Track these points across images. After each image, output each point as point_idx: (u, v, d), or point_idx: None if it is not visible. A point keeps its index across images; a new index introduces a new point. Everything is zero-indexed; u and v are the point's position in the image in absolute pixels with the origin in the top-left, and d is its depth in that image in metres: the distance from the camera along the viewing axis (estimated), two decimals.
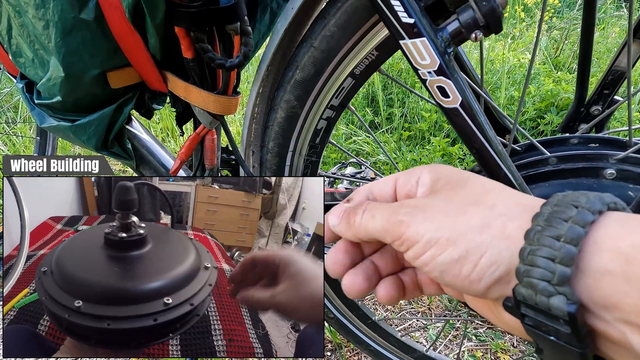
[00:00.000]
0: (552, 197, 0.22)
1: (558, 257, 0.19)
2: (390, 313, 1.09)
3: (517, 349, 0.98)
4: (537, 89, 1.75)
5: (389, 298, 0.28)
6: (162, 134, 1.91)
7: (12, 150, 1.72)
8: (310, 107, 0.51)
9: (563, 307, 0.18)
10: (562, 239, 0.19)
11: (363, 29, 0.44)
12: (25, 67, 0.52)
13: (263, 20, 0.55)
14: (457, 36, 0.36)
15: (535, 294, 0.19)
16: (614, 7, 3.36)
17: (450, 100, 0.38)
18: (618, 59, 0.49)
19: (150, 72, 0.50)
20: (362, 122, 0.52)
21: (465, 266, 0.22)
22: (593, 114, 0.54)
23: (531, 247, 0.20)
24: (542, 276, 0.19)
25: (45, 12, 0.43)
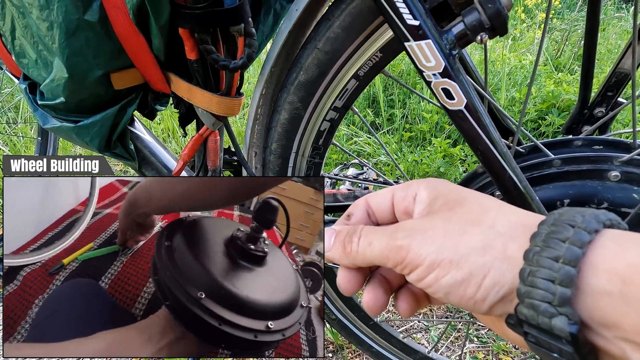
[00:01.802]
0: (549, 215, 0.22)
1: (558, 278, 0.19)
2: (391, 314, 1.09)
3: (519, 351, 0.98)
4: (538, 90, 1.75)
5: (412, 311, 0.29)
6: (163, 135, 1.91)
7: (13, 151, 1.72)
8: (314, 108, 0.51)
9: (565, 328, 0.18)
10: (561, 260, 0.19)
11: (367, 31, 0.44)
12: (28, 68, 0.52)
13: (267, 21, 0.55)
14: (462, 38, 0.36)
15: (537, 315, 0.19)
16: (614, 8, 3.37)
17: (455, 103, 0.38)
18: (622, 60, 0.49)
19: (153, 73, 0.50)
20: (365, 124, 0.52)
21: (469, 288, 0.22)
22: (597, 116, 0.54)
23: (531, 267, 0.20)
24: (543, 298, 0.19)
25: (50, 13, 0.43)
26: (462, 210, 0.25)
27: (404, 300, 0.29)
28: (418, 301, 0.29)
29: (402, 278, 0.29)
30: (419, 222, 0.26)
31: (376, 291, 0.28)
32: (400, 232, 0.25)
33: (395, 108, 1.86)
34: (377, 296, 0.28)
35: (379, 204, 0.29)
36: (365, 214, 0.30)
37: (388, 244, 0.25)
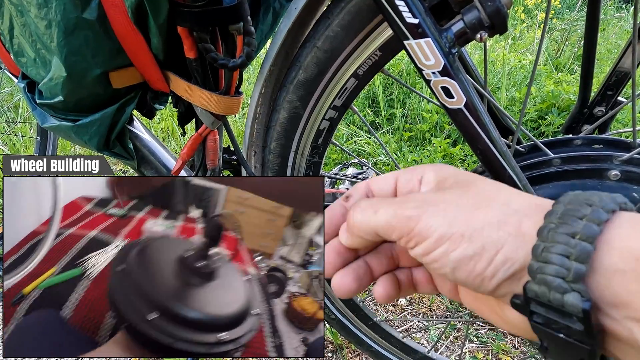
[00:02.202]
0: (563, 196, 0.21)
1: (573, 254, 0.19)
2: (391, 314, 1.08)
3: (518, 350, 0.98)
4: (538, 90, 1.75)
5: (387, 296, 0.28)
6: (162, 134, 1.91)
7: (13, 150, 1.72)
8: (313, 107, 0.51)
9: (578, 304, 0.18)
10: (578, 237, 0.19)
11: (367, 30, 0.44)
12: (27, 67, 0.51)
13: (266, 20, 0.55)
14: (461, 37, 0.36)
15: (549, 291, 0.19)
16: (614, 8, 3.37)
17: (455, 101, 0.38)
18: (622, 59, 0.49)
19: (152, 72, 0.50)
20: (365, 123, 0.52)
21: (479, 263, 0.21)
22: (596, 115, 0.53)
23: (545, 244, 0.19)
24: (557, 273, 0.19)
25: (48, 12, 0.43)
26: (475, 189, 0.24)
27: (383, 286, 0.28)
28: (399, 289, 0.28)
29: (387, 266, 0.29)
30: (430, 194, 0.25)
31: (350, 274, 0.27)
32: (411, 203, 0.24)
33: (395, 108, 1.86)
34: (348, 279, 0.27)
35: (381, 188, 0.28)
36: (365, 197, 0.29)
37: (396, 213, 0.24)
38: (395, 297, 0.28)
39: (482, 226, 0.21)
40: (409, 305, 1.11)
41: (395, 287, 0.28)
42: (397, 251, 0.29)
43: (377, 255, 0.29)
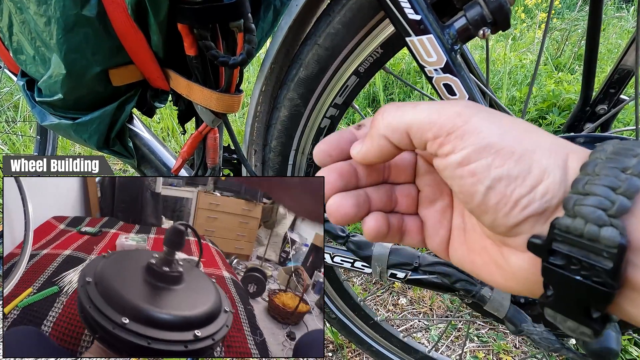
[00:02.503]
0: (606, 142, 0.20)
1: (622, 187, 0.18)
2: (392, 314, 1.08)
3: (519, 350, 0.98)
4: (539, 89, 1.75)
5: (377, 231, 0.26)
6: (162, 134, 1.90)
7: (12, 149, 1.71)
8: (314, 105, 0.51)
9: (616, 238, 0.17)
10: (629, 172, 0.18)
11: (368, 26, 0.44)
12: (26, 65, 0.51)
13: (266, 17, 0.55)
14: (464, 33, 0.35)
15: (585, 223, 0.18)
16: (615, 8, 3.37)
17: (457, 98, 0.37)
18: (625, 57, 0.48)
19: (152, 70, 0.50)
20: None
21: (520, 188, 0.19)
22: (599, 113, 0.53)
23: (589, 177, 0.18)
24: (600, 204, 0.18)
25: (47, 9, 0.42)
26: (522, 121, 0.22)
27: (375, 219, 0.25)
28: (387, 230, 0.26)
29: (384, 206, 0.26)
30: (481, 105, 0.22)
31: (351, 198, 0.25)
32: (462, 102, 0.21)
33: None
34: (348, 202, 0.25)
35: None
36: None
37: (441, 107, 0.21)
38: (383, 236, 0.26)
39: (534, 148, 0.20)
40: (410, 305, 1.11)
41: (386, 225, 0.26)
42: (398, 194, 0.27)
43: (377, 190, 0.27)
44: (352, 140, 0.25)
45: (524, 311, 0.48)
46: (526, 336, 0.47)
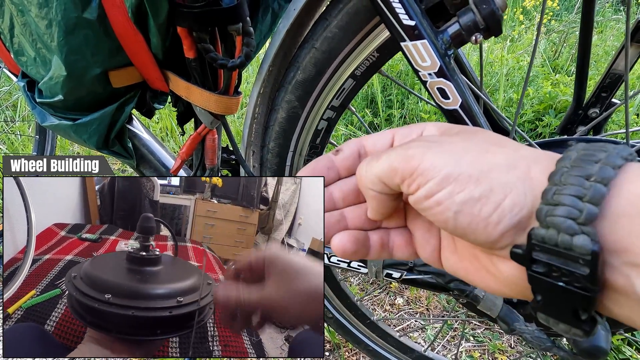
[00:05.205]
0: (574, 146, 0.21)
1: (587, 195, 0.18)
2: (388, 313, 1.09)
3: (514, 350, 0.99)
4: (536, 91, 1.76)
5: (343, 250, 0.26)
6: (161, 134, 1.91)
7: (11, 149, 1.72)
8: (311, 107, 0.51)
9: (587, 246, 0.18)
10: (593, 179, 0.18)
11: (364, 31, 0.44)
12: (27, 66, 0.52)
13: (265, 21, 0.56)
14: (457, 38, 0.36)
15: (558, 234, 0.18)
16: (612, 10, 3.39)
17: (451, 102, 0.38)
18: (616, 62, 0.49)
19: (152, 72, 0.51)
20: (363, 123, 0.52)
21: (486, 206, 0.20)
22: (591, 117, 0.54)
23: (557, 187, 0.19)
24: (569, 214, 0.18)
25: (48, 11, 0.43)
26: (483, 135, 0.23)
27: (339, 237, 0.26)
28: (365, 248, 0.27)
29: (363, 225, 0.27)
30: (435, 137, 0.23)
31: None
32: (415, 142, 0.23)
33: (394, 108, 1.86)
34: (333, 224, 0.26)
35: (375, 143, 0.27)
36: (356, 153, 0.27)
37: (398, 153, 0.22)
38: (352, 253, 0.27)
39: (490, 168, 0.20)
40: (407, 305, 1.12)
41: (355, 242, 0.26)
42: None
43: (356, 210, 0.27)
44: (329, 167, 0.27)
45: (516, 310, 0.49)
46: (518, 335, 0.47)
